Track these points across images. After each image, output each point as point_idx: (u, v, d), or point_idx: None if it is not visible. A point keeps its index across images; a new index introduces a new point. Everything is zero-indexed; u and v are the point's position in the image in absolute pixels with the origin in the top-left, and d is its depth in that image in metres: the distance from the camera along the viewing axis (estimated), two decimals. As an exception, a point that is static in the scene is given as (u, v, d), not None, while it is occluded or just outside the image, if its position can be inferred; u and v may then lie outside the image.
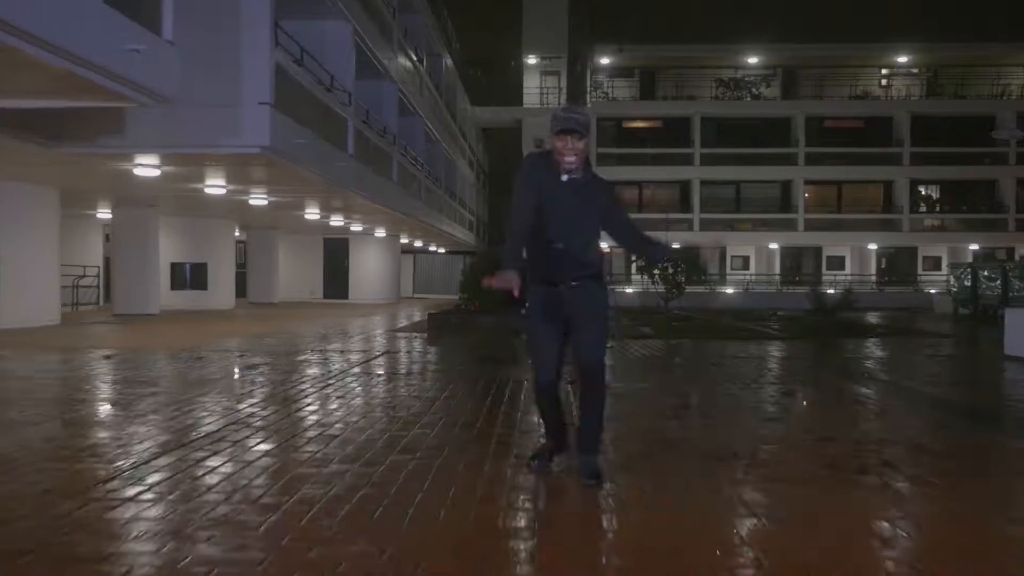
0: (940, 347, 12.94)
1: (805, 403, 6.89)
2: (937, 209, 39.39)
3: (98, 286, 23.51)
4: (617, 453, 4.68)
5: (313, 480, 3.95)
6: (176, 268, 23.04)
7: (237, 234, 27.31)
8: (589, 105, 38.64)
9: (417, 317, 19.43)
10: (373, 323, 17.54)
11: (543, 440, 4.45)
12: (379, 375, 8.19)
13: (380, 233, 29.43)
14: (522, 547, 3.06)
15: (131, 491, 3.71)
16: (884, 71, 39.60)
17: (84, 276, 22.34)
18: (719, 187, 38.10)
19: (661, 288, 22.62)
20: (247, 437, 4.95)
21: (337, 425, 5.24)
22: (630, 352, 10.96)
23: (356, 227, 26.43)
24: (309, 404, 6.02)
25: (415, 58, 23.07)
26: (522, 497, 3.77)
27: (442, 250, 40.42)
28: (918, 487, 3.99)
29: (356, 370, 8.50)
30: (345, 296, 31.27)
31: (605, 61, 39.15)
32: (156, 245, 20.01)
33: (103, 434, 5.16)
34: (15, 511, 3.37)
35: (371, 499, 3.62)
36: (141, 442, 4.78)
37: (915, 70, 39.38)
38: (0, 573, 2.73)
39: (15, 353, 9.99)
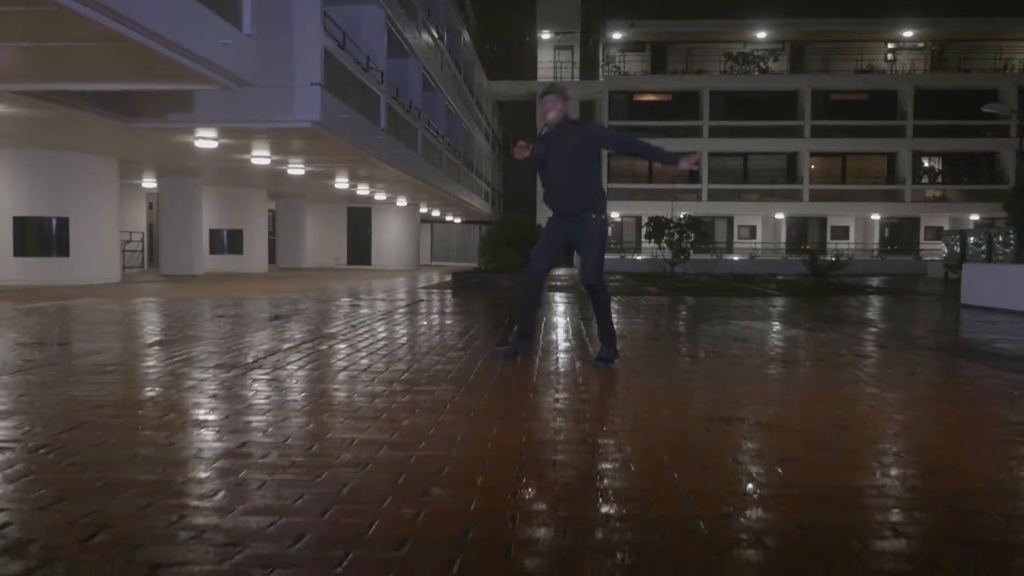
0: (911, 301, 14.41)
1: (774, 331, 8.42)
2: (939, 180, 40.57)
3: (142, 250, 25.24)
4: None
5: (404, 361, 5.53)
6: (214, 234, 24.70)
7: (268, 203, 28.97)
8: (601, 79, 39.93)
9: (439, 279, 21.06)
10: (402, 283, 19.17)
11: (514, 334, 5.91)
12: (423, 312, 9.79)
13: (401, 202, 30.99)
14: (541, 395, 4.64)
15: (289, 359, 5.32)
16: (889, 45, 40.62)
17: (130, 241, 24.06)
18: (727, 159, 39.42)
19: (668, 254, 24.16)
20: (342, 342, 6.54)
21: (404, 336, 6.85)
22: (634, 304, 12.52)
23: (380, 196, 27.99)
24: (378, 327, 7.64)
25: (436, 35, 24.48)
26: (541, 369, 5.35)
27: (458, 220, 41.98)
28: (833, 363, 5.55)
29: (403, 309, 10.09)
30: (368, 263, 32.99)
31: (617, 36, 40.33)
32: (199, 212, 21.68)
33: (259, 334, 6.77)
34: (194, 375, 4.98)
35: (443, 371, 5.21)
36: (298, 334, 6.40)
37: (920, 44, 40.38)
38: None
39: (117, 300, 11.63)
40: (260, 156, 16.54)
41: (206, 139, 13.91)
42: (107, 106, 11.77)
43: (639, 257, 34.24)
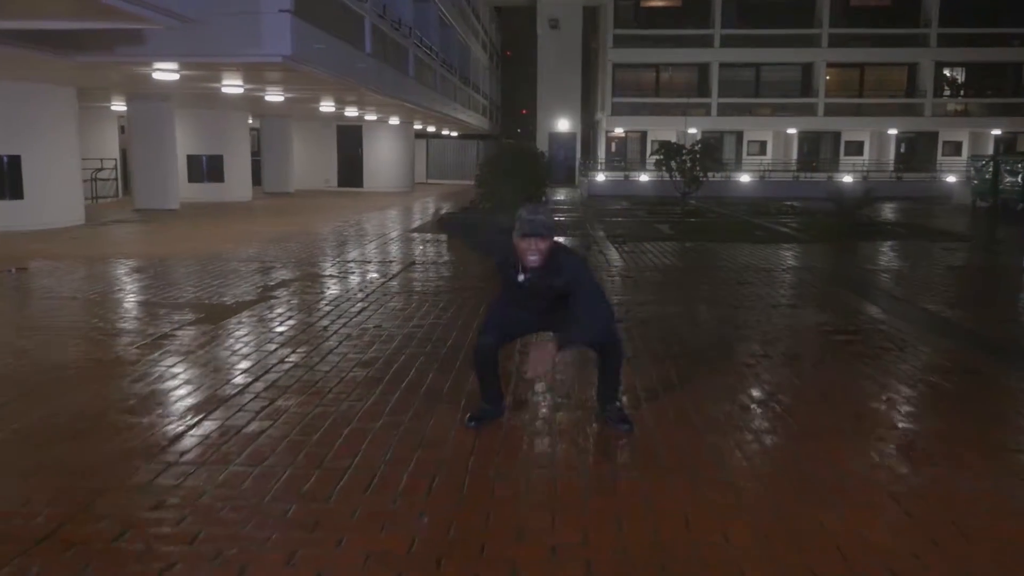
0: (963, 252, 13.03)
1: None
2: (961, 93, 38.45)
3: (116, 179, 23.59)
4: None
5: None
6: (193, 160, 23.02)
7: (251, 122, 27.13)
8: (607, -16, 37.29)
9: (433, 210, 19.58)
10: (393, 218, 17.68)
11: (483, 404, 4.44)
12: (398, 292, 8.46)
13: (394, 121, 29.14)
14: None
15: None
16: (915, -54, 37.83)
17: (102, 169, 22.43)
18: (739, 70, 37.14)
19: (679, 178, 22.59)
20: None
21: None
22: (648, 263, 11.13)
23: (370, 116, 26.17)
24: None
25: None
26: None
27: (455, 134, 40.00)
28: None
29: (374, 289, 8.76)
30: (360, 184, 31.31)
31: (624, -65, 37.49)
32: (173, 138, 19.95)
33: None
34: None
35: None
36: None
37: (947, -55, 37.57)
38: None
39: (66, 265, 10.24)
40: (232, 85, 14.82)
41: (165, 71, 12.21)
42: (42, 41, 10.10)
43: (644, 178, 32.56)
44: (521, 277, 4.07)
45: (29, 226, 14.32)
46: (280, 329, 6.62)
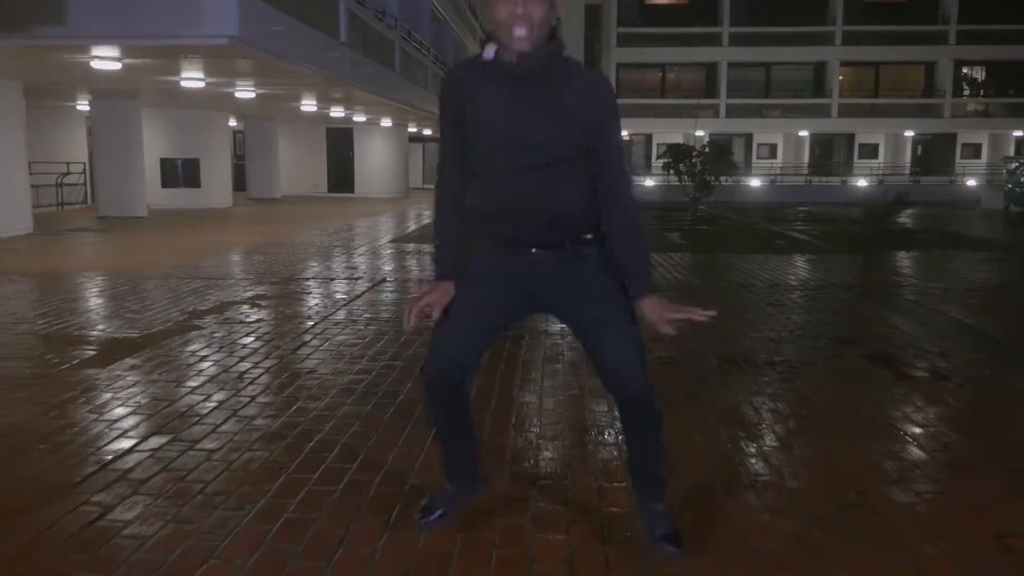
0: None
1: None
2: (981, 93, 36.84)
3: (84, 183, 22.05)
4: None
5: None
6: (167, 164, 21.51)
7: (234, 123, 25.63)
8: (610, -21, 35.87)
9: (425, 214, 17.99)
10: (384, 226, 16.11)
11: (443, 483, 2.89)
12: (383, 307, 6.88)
13: (386, 123, 27.60)
14: None
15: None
16: (932, -61, 36.32)
17: (68, 173, 20.90)
18: (748, 70, 35.65)
19: (688, 184, 21.01)
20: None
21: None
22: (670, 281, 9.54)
23: (360, 118, 24.64)
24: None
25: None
26: None
27: (453, 138, 38.48)
28: None
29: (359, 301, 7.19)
30: (351, 190, 29.73)
31: (628, -70, 36.04)
32: (140, 140, 18.36)
33: None
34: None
35: None
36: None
37: (967, -62, 36.05)
38: None
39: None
40: (190, 78, 13.28)
41: (103, 59, 10.65)
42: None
43: (649, 182, 30.99)
44: (491, 53, 2.35)
45: (-35, 235, 12.81)
46: (179, 378, 5.03)
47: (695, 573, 2.61)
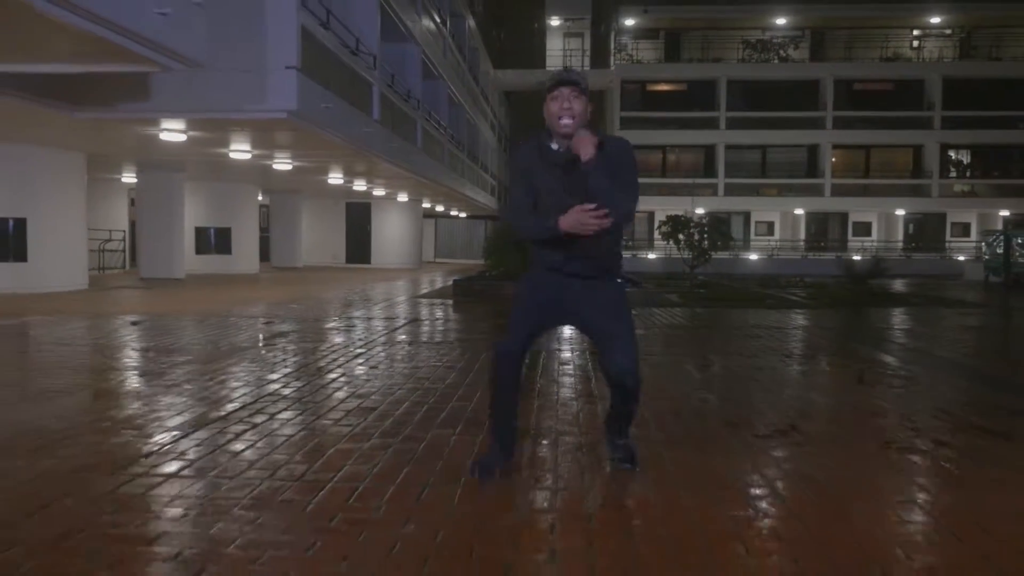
0: (978, 315, 12.71)
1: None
2: (968, 174, 38.59)
3: (124, 250, 23.62)
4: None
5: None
6: (200, 232, 23.08)
7: (260, 198, 27.34)
8: (613, 67, 38.14)
9: (441, 283, 19.39)
10: (400, 289, 17.50)
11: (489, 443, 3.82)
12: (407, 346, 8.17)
13: (402, 198, 29.32)
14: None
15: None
16: (916, 32, 38.65)
17: (110, 240, 22.46)
18: (745, 151, 37.55)
19: (687, 254, 22.45)
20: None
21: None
22: (667, 323, 10.84)
23: (379, 192, 26.32)
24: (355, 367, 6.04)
25: (439, 19, 22.73)
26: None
27: (463, 214, 40.26)
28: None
29: (380, 342, 8.48)
30: (367, 261, 31.31)
31: (629, 22, 38.45)
32: (182, 209, 19.99)
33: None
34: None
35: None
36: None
37: (948, 31, 38.40)
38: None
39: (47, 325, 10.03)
40: (239, 150, 14.87)
41: (172, 131, 12.24)
42: (47, 93, 10.12)
43: (651, 256, 32.51)
44: (556, 145, 3.49)
45: (32, 288, 14.20)
46: (314, 349, 6.31)
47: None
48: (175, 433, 4.26)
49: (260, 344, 7.75)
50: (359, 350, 7.43)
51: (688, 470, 3.77)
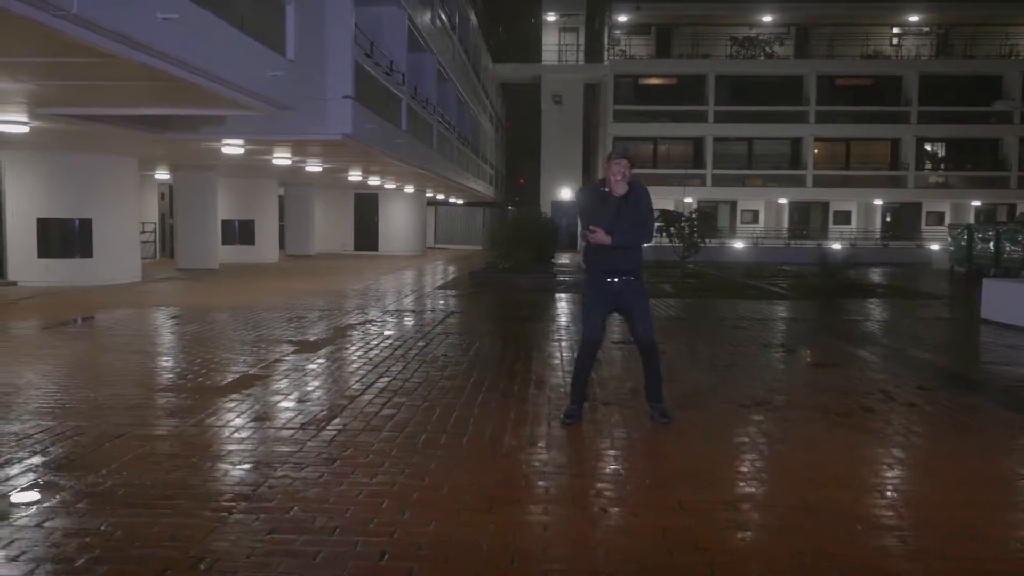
0: (925, 307, 14.67)
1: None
2: (942, 167, 40.67)
3: (155, 241, 25.30)
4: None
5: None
6: (227, 225, 24.76)
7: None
8: (606, 62, 39.84)
9: (454, 273, 21.24)
10: (413, 277, 19.32)
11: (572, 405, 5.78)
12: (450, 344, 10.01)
13: (408, 189, 31.05)
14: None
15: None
16: (895, 30, 40.52)
17: (143, 232, 24.08)
18: (732, 143, 39.44)
19: (678, 244, 24.41)
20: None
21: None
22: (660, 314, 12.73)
23: (389, 185, 28.05)
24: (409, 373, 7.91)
25: (448, 23, 24.38)
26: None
27: (461, 202, 42.03)
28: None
29: (419, 336, 10.32)
30: (375, 248, 33.10)
31: (623, 18, 40.09)
32: (215, 205, 21.72)
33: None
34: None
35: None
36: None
37: (925, 29, 40.28)
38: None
39: (144, 312, 11.78)
40: (282, 158, 16.63)
41: (234, 146, 13.99)
42: (141, 123, 11.85)
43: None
44: (607, 189, 5.53)
45: (96, 282, 15.93)
46: (398, 333, 8.15)
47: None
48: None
49: (362, 330, 9.58)
50: (444, 330, 9.30)
51: (695, 424, 5.67)
